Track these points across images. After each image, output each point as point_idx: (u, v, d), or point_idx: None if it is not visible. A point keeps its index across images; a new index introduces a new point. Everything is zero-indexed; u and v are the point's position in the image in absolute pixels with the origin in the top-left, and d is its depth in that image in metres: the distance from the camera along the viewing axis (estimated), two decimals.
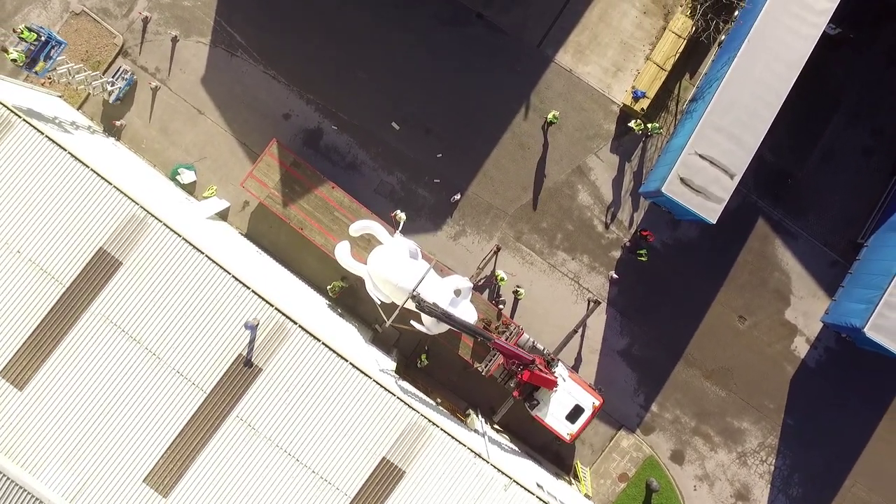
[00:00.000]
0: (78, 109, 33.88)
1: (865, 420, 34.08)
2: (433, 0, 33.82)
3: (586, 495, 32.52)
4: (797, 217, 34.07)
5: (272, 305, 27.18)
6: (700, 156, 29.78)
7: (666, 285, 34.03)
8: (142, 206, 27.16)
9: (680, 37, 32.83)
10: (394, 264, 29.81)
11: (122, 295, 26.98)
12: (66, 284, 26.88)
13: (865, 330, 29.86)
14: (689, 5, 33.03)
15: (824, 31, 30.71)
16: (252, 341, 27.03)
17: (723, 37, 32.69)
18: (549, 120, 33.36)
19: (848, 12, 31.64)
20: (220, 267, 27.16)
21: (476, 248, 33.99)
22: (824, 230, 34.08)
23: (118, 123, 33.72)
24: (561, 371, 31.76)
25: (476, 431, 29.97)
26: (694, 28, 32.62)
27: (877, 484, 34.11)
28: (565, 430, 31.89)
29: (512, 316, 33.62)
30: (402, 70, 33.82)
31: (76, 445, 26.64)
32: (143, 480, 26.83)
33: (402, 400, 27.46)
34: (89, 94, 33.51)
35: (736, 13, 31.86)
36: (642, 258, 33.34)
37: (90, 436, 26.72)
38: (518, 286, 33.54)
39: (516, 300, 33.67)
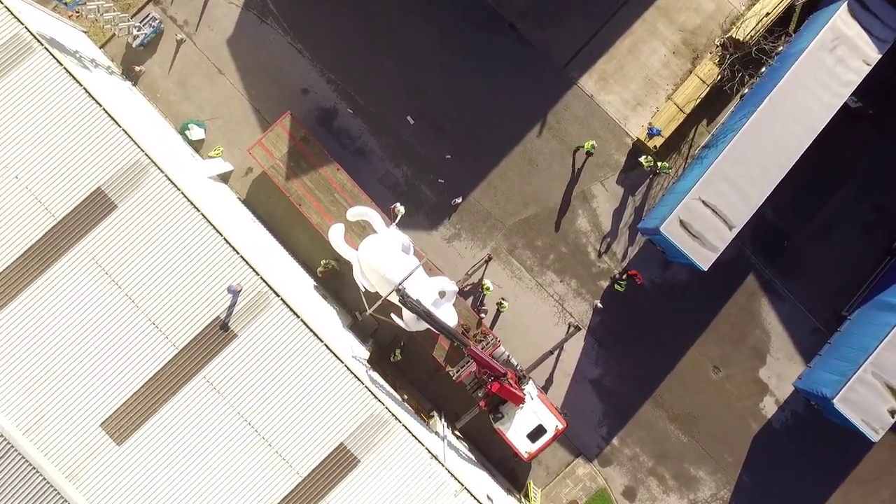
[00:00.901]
0: (100, 48, 33.82)
1: (821, 489, 34.25)
2: (466, 4, 33.90)
3: None
4: (787, 279, 34.28)
5: (258, 274, 27.18)
6: (703, 202, 29.99)
7: (648, 323, 34.18)
8: (146, 154, 27.13)
9: (704, 82, 33.03)
10: (384, 255, 29.83)
11: (111, 238, 26.93)
12: (58, 218, 26.81)
13: (835, 401, 30.11)
14: (719, 54, 33.23)
15: (846, 103, 31.07)
16: (232, 306, 27.03)
17: (746, 90, 32.90)
18: (586, 149, 33.49)
19: (872, 89, 31.98)
20: (213, 227, 27.15)
21: (468, 254, 34.08)
22: (811, 297, 34.29)
23: (137, 69, 33.69)
24: (530, 389, 31.86)
25: (437, 434, 30.03)
26: (719, 77, 32.80)
27: None
28: (524, 447, 31.98)
29: (492, 327, 33.71)
30: (426, 65, 33.92)
31: (39, 378, 26.55)
32: (100, 425, 26.76)
33: (369, 389, 27.48)
34: (114, 34, 33.46)
35: (763, 69, 32.08)
36: (619, 288, 33.47)
37: (55, 371, 26.63)
38: (503, 299, 33.65)
39: (498, 312, 33.79)
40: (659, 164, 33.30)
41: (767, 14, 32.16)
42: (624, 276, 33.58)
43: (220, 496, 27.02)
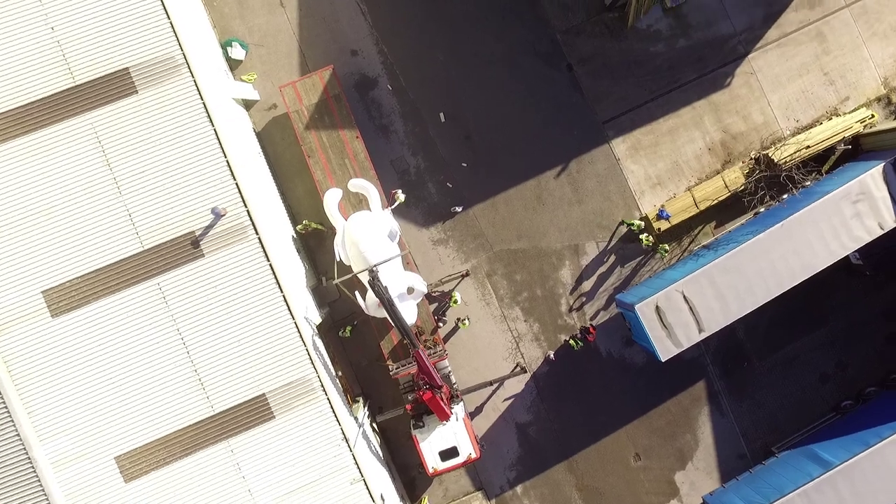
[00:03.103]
0: None
1: None
2: (539, 30, 34.15)
3: None
4: (734, 398, 34.68)
5: (245, 206, 27.19)
6: (684, 297, 30.32)
7: (591, 391, 34.42)
8: (184, 53, 27.10)
9: (727, 187, 33.42)
10: (370, 234, 29.84)
11: (120, 120, 26.86)
12: (77, 82, 26.73)
13: None
14: (750, 166, 33.66)
15: (848, 256, 31.59)
16: (210, 227, 27.00)
17: (762, 209, 33.33)
18: (629, 225, 33.89)
19: (875, 252, 32.53)
20: (220, 146, 27.12)
21: (448, 262, 34.19)
22: (750, 423, 34.71)
23: None
24: (459, 410, 31.97)
25: (356, 419, 30.05)
26: (743, 187, 33.21)
27: None
28: (433, 463, 32.03)
29: (445, 339, 33.81)
30: (476, 72, 34.06)
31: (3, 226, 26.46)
32: (42, 292, 26.60)
33: (308, 353, 27.53)
34: None
35: (785, 196, 32.55)
36: (574, 345, 33.70)
37: (14, 224, 26.45)
38: (467, 317, 33.73)
39: (457, 327, 33.87)
40: (659, 245, 33.60)
41: (808, 147, 32.63)
42: (580, 335, 33.72)
43: (130, 401, 26.96)
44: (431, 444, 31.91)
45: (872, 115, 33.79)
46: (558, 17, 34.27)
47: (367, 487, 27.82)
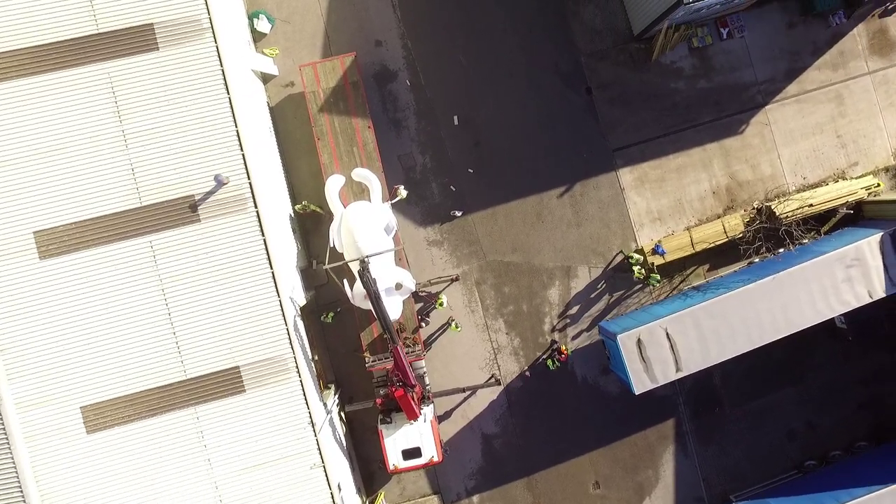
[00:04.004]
0: None
1: None
2: (564, 49, 34.27)
3: None
4: (700, 441, 34.82)
5: (249, 179, 27.22)
6: (667, 334, 30.44)
7: (560, 413, 34.49)
8: (210, 17, 27.13)
9: (725, 233, 33.59)
10: (366, 225, 29.81)
11: (137, 74, 26.89)
12: (101, 30, 26.77)
13: None
14: (751, 215, 33.85)
15: (834, 318, 31.81)
16: (210, 193, 27.04)
17: (756, 259, 33.50)
18: (627, 257, 34.02)
19: (861, 319, 32.77)
20: (233, 114, 27.14)
21: (440, 264, 34.25)
22: (712, 468, 34.84)
23: None
24: (428, 412, 32.00)
25: (325, 405, 30.06)
26: (741, 235, 33.40)
27: None
28: (394, 460, 32.01)
29: (426, 340, 33.84)
30: (495, 81, 34.15)
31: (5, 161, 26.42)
32: (33, 232, 26.58)
33: (288, 333, 27.55)
34: None
35: (781, 250, 32.72)
36: (550, 365, 33.75)
37: (19, 162, 26.44)
38: (457, 325, 33.67)
39: (446, 326, 33.77)
40: (651, 278, 33.68)
41: (811, 205, 32.85)
42: (555, 358, 33.74)
43: (105, 354, 26.96)
44: (396, 441, 31.92)
45: (878, 184, 34.08)
46: (585, 39, 34.42)
47: (326, 474, 27.87)
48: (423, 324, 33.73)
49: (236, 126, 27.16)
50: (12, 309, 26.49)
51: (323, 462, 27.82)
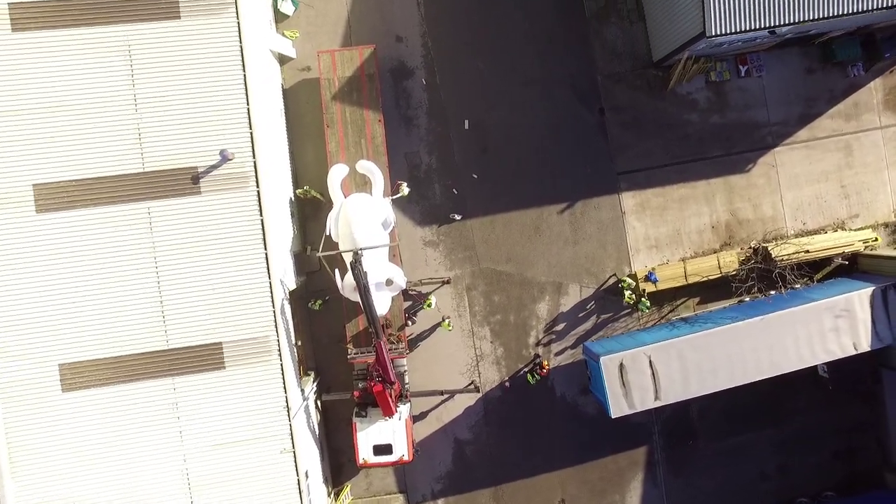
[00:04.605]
0: None
1: None
2: (583, 66, 34.37)
3: None
4: (671, 472, 34.88)
5: (254, 157, 27.22)
6: (650, 362, 30.52)
7: (536, 428, 34.50)
8: None
9: (719, 268, 33.67)
10: (365, 217, 29.80)
11: (156, 40, 26.89)
12: None
13: None
14: (747, 254, 33.94)
15: (817, 366, 31.91)
16: (214, 167, 27.03)
17: (747, 298, 33.60)
18: (621, 281, 34.07)
19: (843, 369, 32.83)
20: (245, 91, 27.13)
21: (433, 265, 34.28)
22: (679, 500, 34.90)
23: None
24: (404, 410, 31.99)
25: (302, 391, 30.06)
26: (734, 272, 33.47)
27: None
28: (364, 454, 31.95)
29: (410, 340, 33.84)
30: (510, 91, 34.21)
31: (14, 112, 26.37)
32: (33, 185, 26.55)
33: (275, 315, 27.55)
34: None
35: (772, 292, 32.83)
36: (530, 379, 33.78)
37: (27, 113, 26.39)
38: (450, 323, 33.71)
39: (436, 326, 33.81)
40: (641, 303, 33.67)
41: (808, 252, 32.97)
42: (535, 373, 33.76)
43: (90, 314, 26.92)
44: (368, 436, 31.88)
45: (876, 239, 34.23)
46: (605, 60, 34.51)
47: (295, 460, 27.86)
48: (410, 322, 33.72)
49: (248, 104, 27.15)
50: (4, 258, 26.42)
51: (293, 448, 27.81)
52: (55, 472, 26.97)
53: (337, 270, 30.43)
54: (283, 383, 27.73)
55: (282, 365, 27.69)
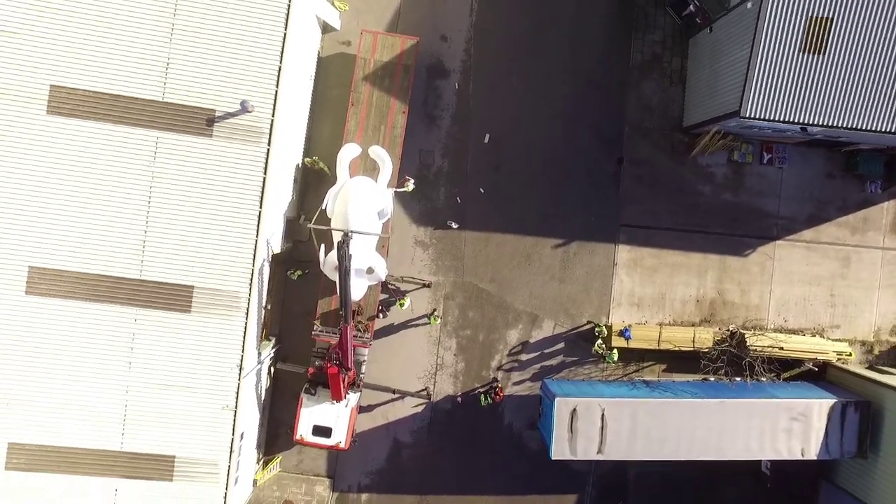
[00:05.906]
0: None
1: None
2: (613, 114, 34.51)
3: (255, 480, 32.65)
4: None
5: (272, 115, 27.15)
6: (602, 415, 30.61)
7: (474, 448, 34.55)
8: None
9: (693, 343, 33.81)
10: (363, 202, 29.75)
11: None
12: None
13: None
14: (722, 336, 34.08)
15: (762, 462, 32.11)
16: (231, 115, 26.93)
17: (712, 378, 33.74)
18: (595, 329, 34.26)
19: (788, 473, 33.06)
20: (282, 49, 27.03)
21: (418, 266, 34.29)
22: None
23: None
24: (352, 398, 31.96)
25: (259, 354, 29.98)
26: (707, 350, 33.60)
27: None
28: (303, 431, 31.91)
29: (377, 332, 33.76)
30: (538, 116, 34.30)
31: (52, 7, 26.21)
32: (50, 86, 26.40)
33: (252, 273, 27.50)
34: None
35: (738, 379, 33.00)
36: (482, 401, 33.73)
37: (55, 15, 26.24)
38: (437, 317, 33.80)
39: (427, 323, 33.90)
40: (609, 355, 33.63)
41: (781, 349, 33.20)
42: (490, 397, 33.74)
43: (70, 227, 26.78)
44: (312, 414, 31.82)
45: (850, 354, 34.51)
46: (636, 112, 34.68)
47: (234, 420, 27.78)
48: (381, 315, 33.65)
49: (281, 62, 27.08)
50: (5, 150, 26.26)
51: (236, 407, 27.73)
52: (7, 370, 26.99)
53: (323, 246, 30.38)
54: (244, 342, 27.65)
55: (246, 323, 27.62)
